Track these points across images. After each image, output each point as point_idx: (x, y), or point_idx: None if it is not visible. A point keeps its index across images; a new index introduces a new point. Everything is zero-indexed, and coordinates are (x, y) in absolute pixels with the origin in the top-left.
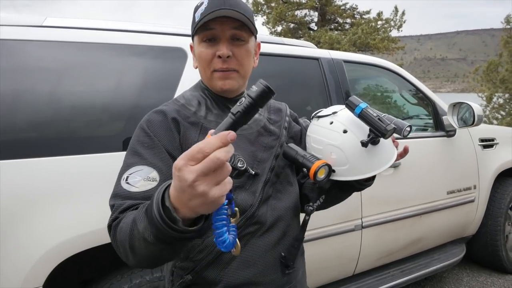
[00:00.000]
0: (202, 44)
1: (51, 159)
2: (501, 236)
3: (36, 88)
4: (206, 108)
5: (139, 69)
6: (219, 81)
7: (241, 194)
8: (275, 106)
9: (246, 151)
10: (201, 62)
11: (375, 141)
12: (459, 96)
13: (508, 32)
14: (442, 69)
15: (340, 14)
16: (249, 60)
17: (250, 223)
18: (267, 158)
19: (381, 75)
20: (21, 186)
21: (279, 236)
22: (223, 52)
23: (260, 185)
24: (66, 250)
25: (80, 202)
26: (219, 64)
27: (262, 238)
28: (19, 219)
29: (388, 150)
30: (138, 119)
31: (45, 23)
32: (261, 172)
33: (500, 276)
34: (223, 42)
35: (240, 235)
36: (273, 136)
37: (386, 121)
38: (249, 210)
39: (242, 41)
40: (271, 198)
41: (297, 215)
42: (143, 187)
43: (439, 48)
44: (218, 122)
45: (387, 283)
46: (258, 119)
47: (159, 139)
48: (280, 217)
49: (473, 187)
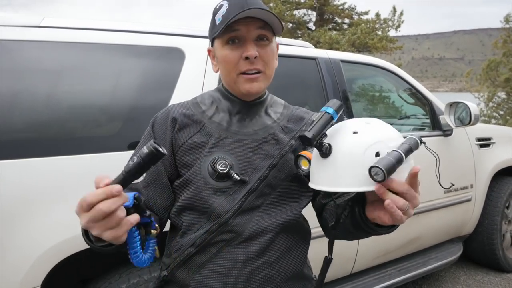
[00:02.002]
0: (226, 47)
1: (50, 159)
2: (497, 235)
3: (33, 89)
4: (215, 109)
5: (136, 70)
6: (246, 84)
7: (220, 198)
8: (299, 115)
9: (241, 156)
10: (226, 66)
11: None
12: (457, 95)
13: (507, 31)
14: (440, 68)
15: (338, 14)
16: (274, 61)
17: (223, 230)
18: (263, 167)
19: (378, 75)
20: (18, 186)
21: (259, 250)
22: (251, 53)
23: (243, 192)
24: (64, 250)
25: (77, 201)
26: (246, 65)
27: (237, 249)
28: (17, 219)
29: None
30: (136, 120)
31: (43, 23)
32: (250, 180)
33: (496, 274)
34: (249, 43)
35: (212, 240)
36: (278, 146)
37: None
38: (222, 216)
39: (266, 40)
40: (259, 210)
41: (295, 234)
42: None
43: (437, 47)
44: (220, 125)
45: (384, 282)
46: (269, 126)
47: (156, 137)
48: (263, 231)
49: (470, 186)
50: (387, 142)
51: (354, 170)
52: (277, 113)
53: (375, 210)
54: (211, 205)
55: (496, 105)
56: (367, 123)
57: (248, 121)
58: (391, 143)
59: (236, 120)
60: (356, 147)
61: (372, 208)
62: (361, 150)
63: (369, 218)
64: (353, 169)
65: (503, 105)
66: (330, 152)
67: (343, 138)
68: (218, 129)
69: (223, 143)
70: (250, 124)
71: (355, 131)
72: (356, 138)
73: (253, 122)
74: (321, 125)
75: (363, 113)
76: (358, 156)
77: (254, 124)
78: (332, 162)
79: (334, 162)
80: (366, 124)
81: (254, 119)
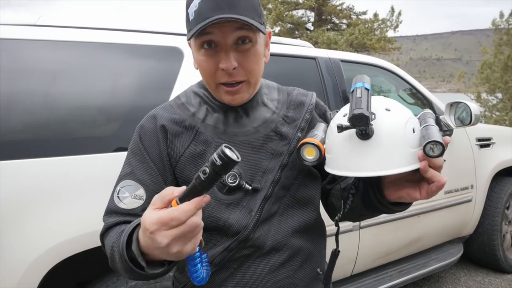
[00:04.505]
0: (202, 52)
1: (47, 160)
2: (498, 235)
3: (29, 89)
4: (206, 110)
5: (134, 69)
6: (227, 96)
7: (235, 213)
8: (298, 100)
9: (247, 160)
10: (203, 73)
11: (362, 134)
12: (455, 96)
13: (499, 33)
14: (438, 69)
15: (336, 14)
16: (258, 65)
17: (244, 246)
18: (273, 168)
19: (378, 75)
20: (15, 188)
21: (282, 259)
22: (227, 66)
23: (259, 201)
24: (61, 252)
25: (74, 204)
26: (224, 77)
27: (260, 261)
28: (14, 221)
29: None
30: (133, 120)
31: (39, 22)
32: (262, 186)
33: (497, 275)
34: (225, 51)
35: (232, 258)
36: (284, 141)
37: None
38: (242, 232)
39: (249, 42)
40: (276, 216)
41: (315, 233)
42: (130, 204)
43: (435, 48)
44: (217, 128)
45: (385, 284)
46: (269, 120)
47: (148, 152)
48: (287, 238)
49: (470, 187)
50: (413, 118)
51: (400, 149)
52: (274, 100)
53: (400, 189)
54: (226, 221)
55: (492, 106)
56: (387, 100)
57: (245, 118)
58: (416, 119)
59: (232, 119)
60: (397, 125)
61: (395, 188)
62: (402, 127)
63: (388, 198)
64: (400, 148)
65: (497, 106)
66: (373, 132)
67: (381, 117)
68: (215, 134)
69: None
70: (248, 121)
71: (387, 108)
72: (392, 116)
73: (251, 118)
74: (367, 100)
75: None
76: (401, 133)
77: (253, 121)
78: (375, 144)
79: (378, 143)
80: (388, 101)
81: (251, 114)
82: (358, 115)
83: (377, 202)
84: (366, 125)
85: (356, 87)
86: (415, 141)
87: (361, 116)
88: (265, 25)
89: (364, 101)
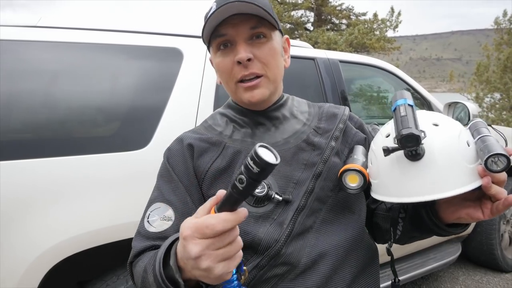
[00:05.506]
0: (219, 54)
1: (47, 160)
2: (496, 235)
3: (29, 89)
4: (233, 127)
5: (134, 70)
6: (246, 93)
7: (265, 226)
8: (330, 111)
9: (278, 172)
10: (222, 75)
11: (412, 154)
12: (454, 95)
13: (500, 33)
14: (438, 69)
15: (336, 14)
16: (276, 60)
17: (276, 263)
18: (306, 178)
19: (377, 75)
20: (16, 188)
21: (321, 281)
22: (241, 56)
23: (291, 213)
24: (61, 251)
25: (74, 203)
26: (241, 71)
27: (295, 283)
28: (14, 221)
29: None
30: (133, 120)
31: (40, 23)
32: (294, 197)
33: (495, 274)
34: (240, 45)
35: (263, 277)
36: (317, 151)
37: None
38: (273, 246)
39: (264, 38)
40: (311, 231)
41: (361, 254)
42: (159, 227)
43: (435, 48)
44: (245, 141)
45: (383, 283)
46: (300, 131)
47: (175, 171)
48: (324, 256)
49: None
50: (464, 129)
51: (457, 166)
52: (304, 113)
53: (459, 209)
54: (255, 236)
55: (490, 106)
56: (432, 113)
57: (274, 130)
58: (466, 130)
59: (260, 132)
60: (449, 140)
61: (452, 209)
62: (455, 142)
63: (444, 220)
64: (456, 166)
65: (495, 106)
66: (424, 152)
67: (430, 134)
68: (242, 146)
69: None
70: (278, 133)
71: (434, 123)
72: (442, 131)
73: (280, 130)
74: (413, 117)
75: (361, 113)
76: (455, 149)
77: (282, 132)
78: (428, 164)
79: (431, 163)
80: (433, 114)
81: (280, 126)
82: (407, 135)
83: (432, 225)
84: (417, 145)
85: (398, 105)
86: (472, 155)
87: (411, 136)
88: (280, 29)
89: (411, 119)
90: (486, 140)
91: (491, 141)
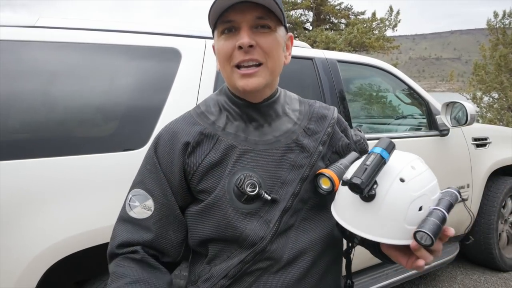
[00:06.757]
0: (221, 37)
1: (45, 160)
2: (494, 234)
3: (28, 89)
4: (226, 118)
5: (132, 70)
6: (241, 80)
7: (252, 223)
8: (320, 112)
9: (266, 170)
10: (220, 57)
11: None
12: (454, 95)
13: (495, 33)
14: (437, 68)
15: (335, 14)
16: (277, 51)
17: (260, 258)
18: (293, 180)
19: (375, 75)
20: (14, 187)
21: (300, 274)
22: (243, 41)
23: (277, 213)
24: (59, 251)
25: (72, 203)
26: (241, 56)
27: (277, 276)
28: (13, 220)
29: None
30: (131, 120)
31: (38, 23)
32: (281, 197)
33: (493, 274)
34: (244, 30)
35: (248, 270)
36: (305, 153)
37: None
38: (259, 244)
39: (268, 29)
40: (292, 228)
41: (335, 243)
42: (139, 214)
43: (434, 47)
44: (238, 135)
45: (381, 282)
46: (291, 131)
47: (161, 163)
48: (303, 252)
49: (466, 186)
50: (430, 195)
51: (396, 223)
52: (295, 111)
53: (393, 250)
54: (243, 232)
55: (488, 105)
56: (413, 167)
57: (266, 127)
58: (433, 196)
59: (253, 127)
60: (402, 199)
61: (388, 245)
62: (407, 203)
63: (382, 250)
64: (395, 222)
65: (492, 105)
66: (374, 197)
67: (390, 185)
68: (235, 141)
69: (245, 157)
70: (270, 130)
71: (402, 178)
72: (403, 188)
73: (273, 127)
74: (373, 171)
75: (360, 113)
76: (403, 209)
77: (274, 130)
78: (373, 209)
79: (376, 210)
80: (411, 169)
81: (273, 123)
82: (353, 183)
83: (373, 250)
84: (361, 194)
85: (373, 152)
86: (417, 219)
87: (356, 185)
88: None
89: (369, 172)
90: (431, 214)
91: (434, 217)
